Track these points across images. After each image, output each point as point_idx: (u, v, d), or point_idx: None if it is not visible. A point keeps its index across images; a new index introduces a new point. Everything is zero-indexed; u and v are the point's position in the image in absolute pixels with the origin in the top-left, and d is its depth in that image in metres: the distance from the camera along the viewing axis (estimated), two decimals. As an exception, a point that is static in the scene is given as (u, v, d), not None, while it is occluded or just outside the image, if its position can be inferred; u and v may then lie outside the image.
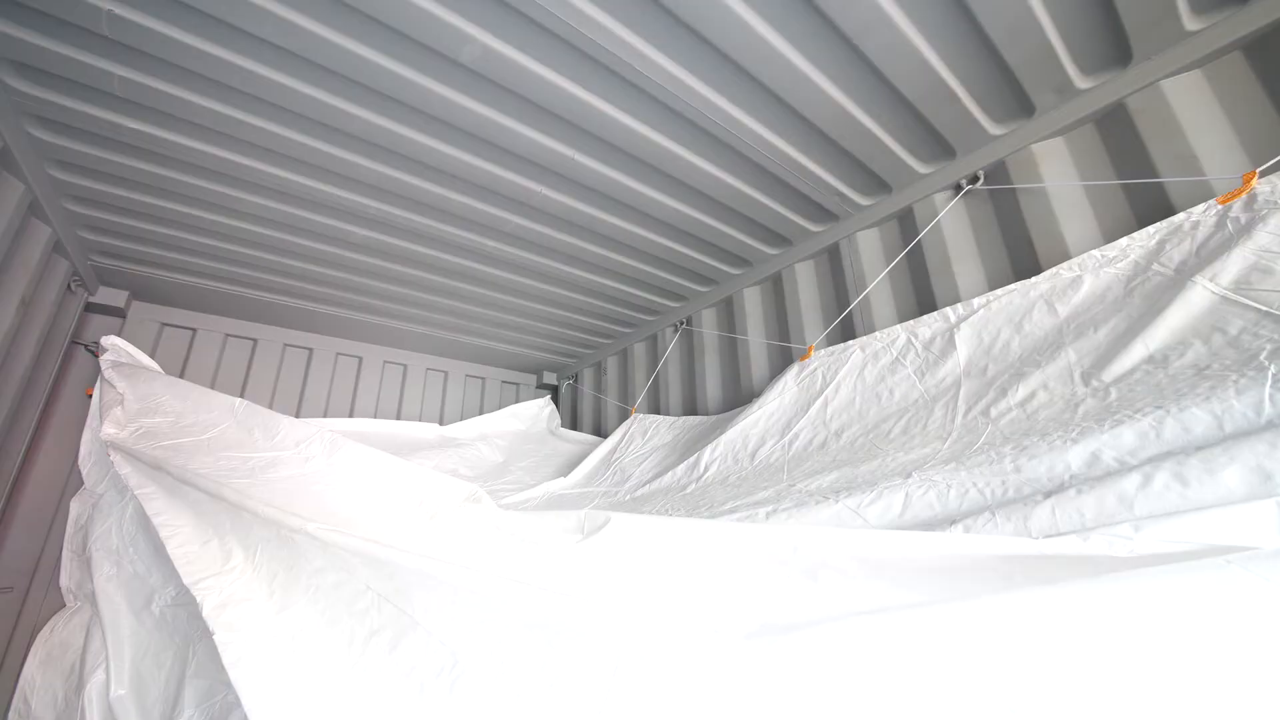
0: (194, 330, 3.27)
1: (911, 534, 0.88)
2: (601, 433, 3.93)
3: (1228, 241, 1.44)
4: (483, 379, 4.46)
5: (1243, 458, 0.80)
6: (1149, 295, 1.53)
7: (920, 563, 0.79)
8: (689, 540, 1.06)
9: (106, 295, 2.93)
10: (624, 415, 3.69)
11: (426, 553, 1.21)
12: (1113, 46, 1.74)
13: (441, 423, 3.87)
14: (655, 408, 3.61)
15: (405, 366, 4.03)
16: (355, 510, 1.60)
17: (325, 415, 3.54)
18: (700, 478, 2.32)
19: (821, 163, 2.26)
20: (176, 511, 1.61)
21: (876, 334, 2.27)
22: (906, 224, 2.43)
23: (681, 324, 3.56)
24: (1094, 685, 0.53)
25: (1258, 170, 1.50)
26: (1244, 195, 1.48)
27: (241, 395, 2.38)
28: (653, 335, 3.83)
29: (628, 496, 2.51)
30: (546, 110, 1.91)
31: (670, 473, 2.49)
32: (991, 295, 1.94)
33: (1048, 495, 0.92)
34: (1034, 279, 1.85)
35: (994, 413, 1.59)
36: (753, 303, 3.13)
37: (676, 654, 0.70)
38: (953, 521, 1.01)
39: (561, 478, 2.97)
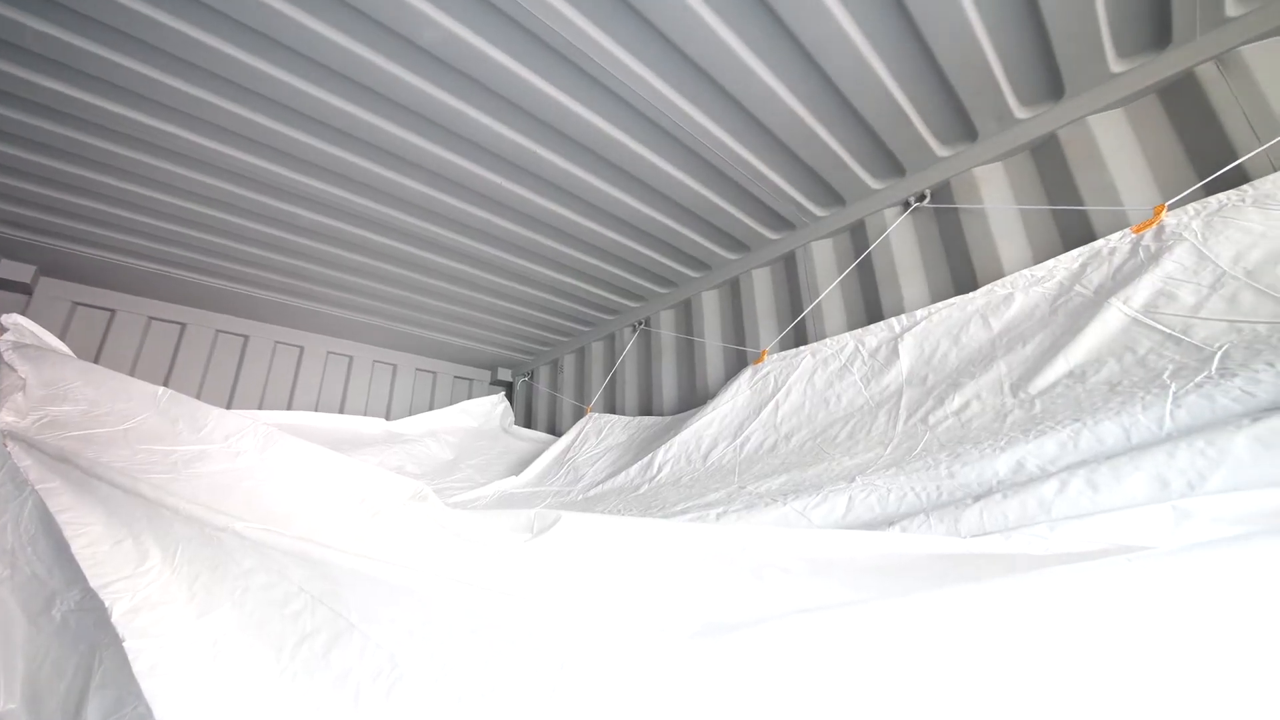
0: (112, 311, 3.01)
1: (852, 533, 0.92)
2: (556, 431, 3.89)
3: (1139, 268, 1.57)
4: (434, 373, 4.33)
5: (1145, 467, 0.87)
6: (1071, 314, 1.65)
7: (860, 562, 0.83)
8: (639, 540, 1.06)
9: (9, 269, 2.66)
10: (579, 414, 3.67)
11: (366, 552, 1.16)
12: (1048, 81, 1.88)
13: (389, 418, 3.73)
14: (611, 407, 3.60)
15: (351, 358, 3.86)
16: (290, 508, 1.51)
17: (260, 408, 3.34)
18: (653, 478, 2.33)
19: (781, 172, 2.32)
20: (85, 508, 1.48)
21: (827, 341, 2.35)
22: (858, 236, 2.53)
23: (640, 324, 3.57)
24: (1013, 674, 0.57)
25: (1166, 204, 1.64)
26: (1154, 226, 1.62)
27: (165, 384, 2.21)
28: (611, 334, 3.82)
29: (580, 496, 2.49)
30: (508, 101, 1.87)
31: (624, 473, 2.49)
32: (933, 308, 2.04)
33: (977, 499, 0.98)
34: (971, 294, 1.96)
35: (932, 420, 1.68)
36: (710, 306, 3.18)
37: (622, 654, 0.70)
38: (891, 523, 1.06)
39: (513, 476, 2.92)
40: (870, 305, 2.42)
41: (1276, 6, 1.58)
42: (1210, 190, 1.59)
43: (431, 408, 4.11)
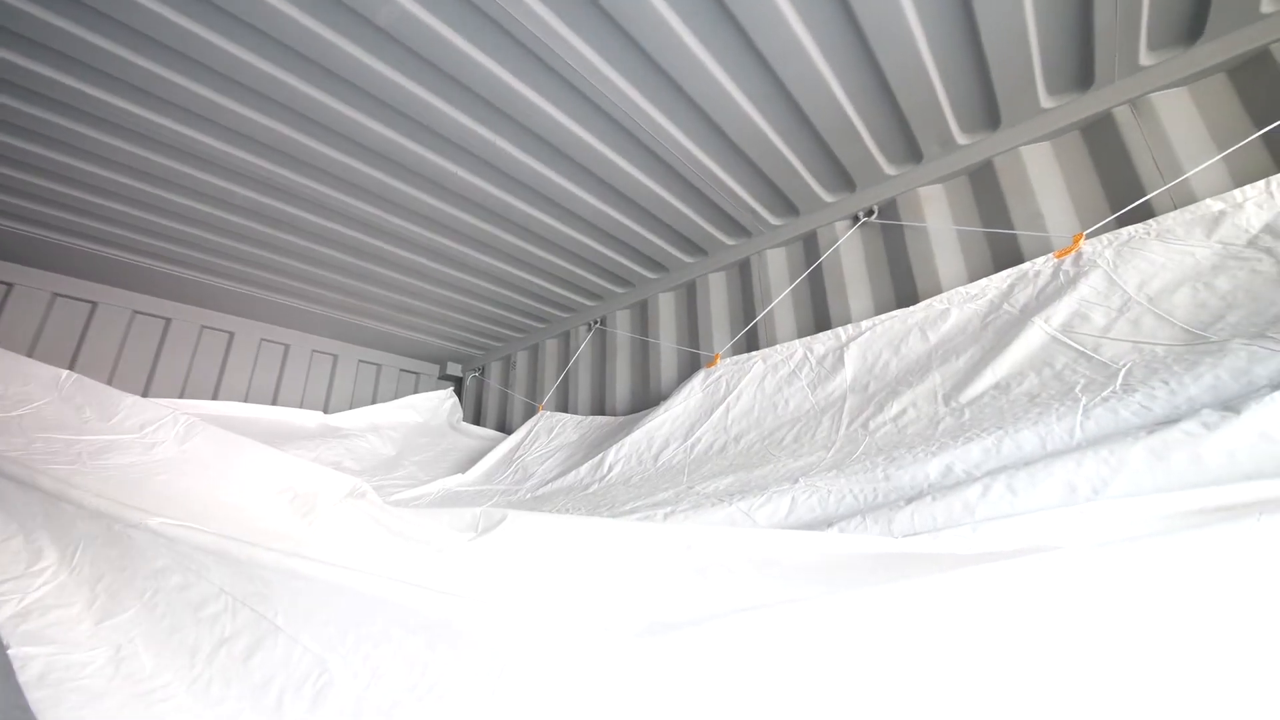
0: (9, 286, 2.72)
1: (794, 533, 0.95)
2: (506, 429, 3.82)
3: (1059, 290, 1.71)
4: (378, 366, 4.15)
5: (1057, 473, 0.95)
6: (999, 330, 1.77)
7: (800, 560, 0.86)
8: (586, 539, 1.05)
9: None
10: (531, 412, 3.61)
11: (298, 551, 1.10)
12: (986, 111, 2.01)
13: (327, 411, 3.55)
14: (564, 406, 3.57)
15: (287, 347, 3.64)
16: (213, 503, 1.41)
17: (182, 397, 3.09)
18: (604, 478, 2.32)
19: (739, 180, 2.37)
20: (-35, 502, 1.32)
21: (778, 347, 2.41)
22: (810, 246, 2.62)
23: (596, 323, 3.55)
24: (940, 666, 0.61)
25: (1085, 233, 1.79)
26: (1074, 252, 1.76)
27: (71, 368, 2.01)
28: (566, 332, 3.79)
29: (528, 495, 2.45)
30: (467, 88, 1.82)
31: (574, 472, 2.47)
32: (877, 319, 2.14)
33: (909, 501, 1.03)
34: (912, 308, 2.07)
35: (872, 426, 1.76)
36: (666, 308, 3.21)
37: (565, 654, 0.69)
38: (831, 523, 1.10)
39: (459, 474, 2.84)
40: (819, 314, 2.51)
41: (1183, 60, 1.76)
42: (1122, 222, 1.75)
43: (374, 402, 3.94)
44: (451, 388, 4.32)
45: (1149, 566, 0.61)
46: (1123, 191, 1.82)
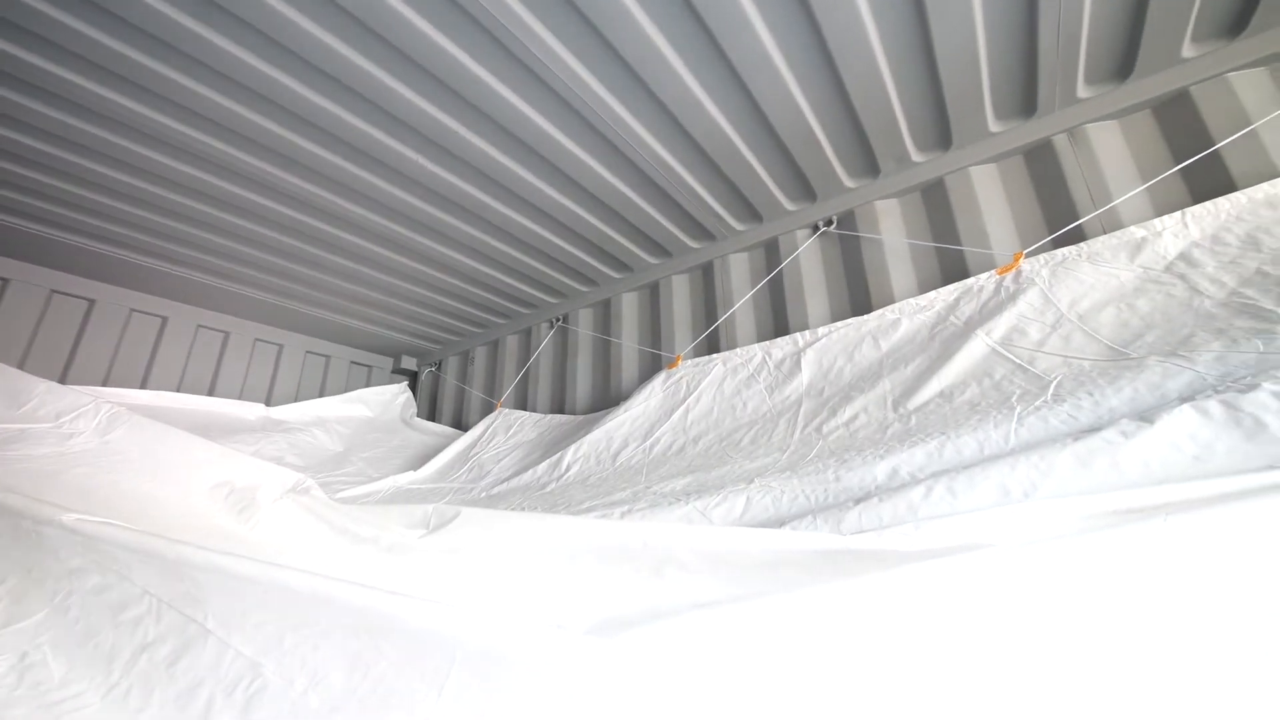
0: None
1: (747, 531, 0.97)
2: (462, 426, 3.73)
3: (1000, 305, 1.81)
4: (327, 357, 3.97)
5: (993, 476, 1.01)
6: (945, 341, 1.86)
7: (752, 557, 0.87)
8: (540, 536, 1.04)
9: None
10: (488, 409, 3.55)
11: (233, 550, 1.04)
12: (939, 131, 2.11)
13: (269, 403, 3.37)
14: (523, 403, 3.52)
15: (226, 334, 3.44)
16: (138, 499, 1.32)
17: (106, 384, 2.87)
18: (561, 477, 2.30)
19: (705, 184, 2.40)
20: None
21: (737, 350, 2.46)
22: (772, 253, 2.68)
23: (558, 321, 3.52)
24: (883, 658, 0.63)
25: (1024, 251, 1.91)
26: (1014, 270, 1.87)
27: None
28: (527, 329, 3.74)
29: (483, 493, 2.40)
30: (430, 74, 1.76)
31: (531, 470, 2.44)
32: (833, 326, 2.21)
33: (858, 502, 1.07)
34: (866, 317, 2.15)
35: (825, 429, 1.81)
36: (630, 308, 3.21)
37: (516, 652, 0.68)
38: (783, 522, 1.13)
39: (411, 471, 2.75)
40: (778, 319, 2.57)
41: (1115, 95, 1.90)
42: (1058, 243, 1.87)
43: (322, 395, 3.78)
44: (406, 382, 4.19)
45: (1072, 562, 0.66)
46: (1059, 214, 1.95)
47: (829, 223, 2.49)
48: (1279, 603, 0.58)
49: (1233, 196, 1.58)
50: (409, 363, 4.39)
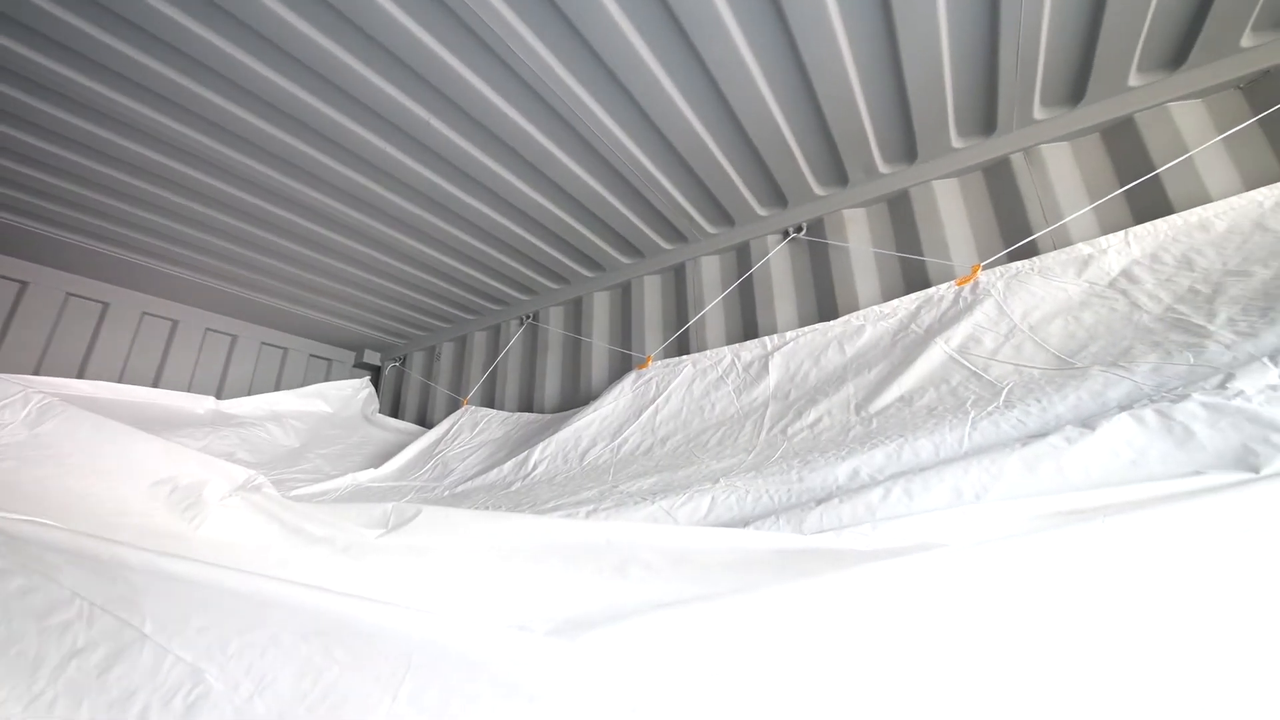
0: None
1: (710, 530, 0.97)
2: (426, 423, 3.65)
3: (959, 314, 1.88)
4: (284, 349, 3.82)
5: (947, 478, 1.05)
6: (907, 348, 1.92)
7: (716, 556, 0.88)
8: (504, 535, 1.03)
9: None
10: (454, 406, 3.48)
11: (174, 550, 0.98)
12: (905, 145, 2.17)
13: (220, 397, 3.21)
14: (490, 401, 3.46)
15: (175, 323, 3.27)
16: (70, 496, 1.24)
17: (38, 373, 2.69)
18: (528, 476, 2.28)
19: (680, 187, 2.41)
20: None
21: (707, 352, 2.48)
22: (743, 257, 2.71)
23: (528, 318, 3.48)
24: (841, 654, 0.65)
25: (982, 264, 1.99)
26: (972, 281, 1.95)
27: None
28: (496, 325, 3.68)
29: (447, 492, 2.35)
30: (402, 62, 1.72)
31: (497, 469, 2.40)
32: (800, 331, 2.25)
33: (819, 502, 1.09)
34: (832, 322, 2.20)
35: (790, 431, 1.85)
36: (601, 307, 3.20)
37: (474, 654, 0.67)
38: (747, 522, 1.15)
39: (372, 469, 2.67)
40: (748, 322, 2.61)
41: (1068, 118, 2.00)
42: (1013, 257, 1.96)
43: (278, 389, 3.63)
44: (368, 377, 4.07)
45: (1019, 561, 0.69)
46: (1015, 229, 2.04)
47: (799, 229, 2.54)
48: (1201, 597, 0.62)
49: (1170, 219, 1.69)
50: (372, 357, 4.26)
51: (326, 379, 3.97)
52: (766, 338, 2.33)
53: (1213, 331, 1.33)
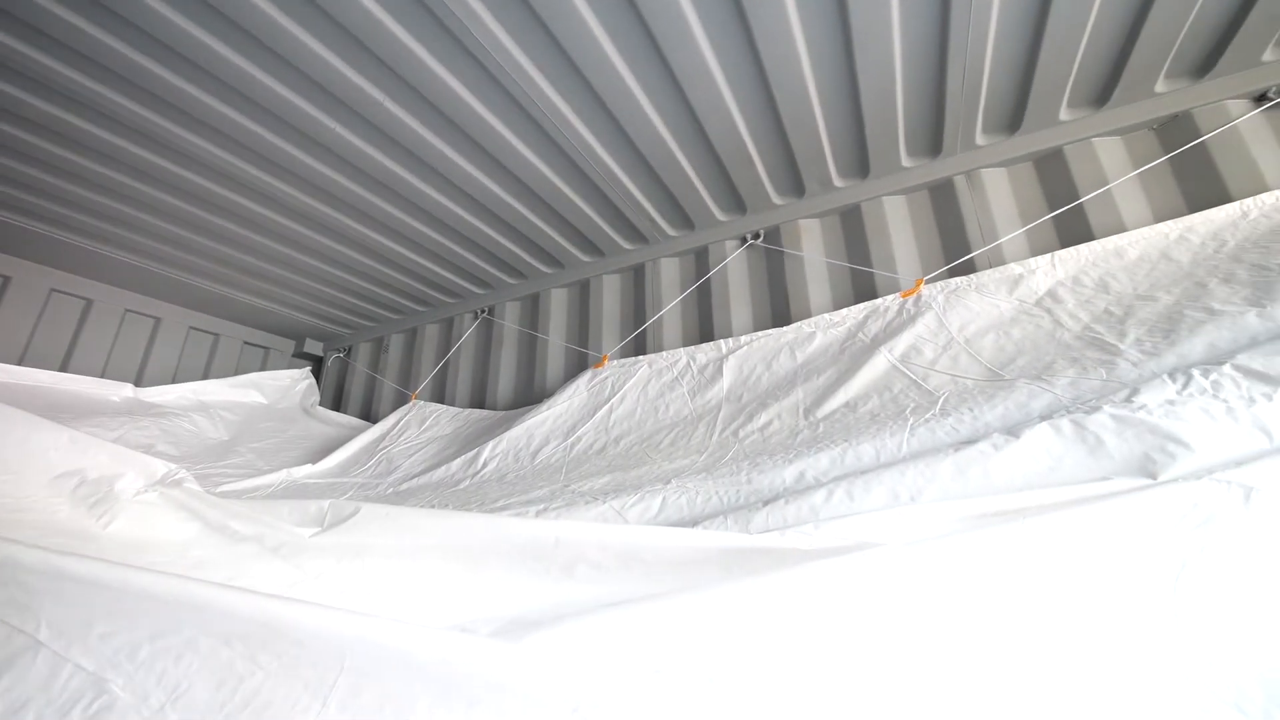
0: None
1: (659, 529, 0.98)
2: (371, 418, 3.50)
3: (902, 325, 1.97)
4: (215, 335, 3.58)
5: (886, 481, 1.10)
6: (854, 355, 2.00)
7: (664, 556, 0.89)
8: (449, 534, 1.00)
9: None
10: (402, 400, 3.35)
11: (78, 549, 0.90)
12: (859, 161, 2.26)
13: (139, 384, 2.97)
14: (440, 396, 3.36)
15: (89, 302, 3.00)
16: (-46, 489, 1.11)
17: (-78, 349, 2.41)
18: (477, 474, 2.22)
19: (642, 189, 2.42)
20: None
21: (663, 353, 2.50)
22: (701, 260, 2.75)
23: (483, 312, 3.40)
24: (784, 651, 0.67)
25: (925, 278, 2.09)
26: (915, 294, 2.05)
27: None
28: (450, 319, 3.57)
29: (390, 490, 2.26)
30: (355, 38, 1.64)
31: (445, 466, 2.33)
32: (754, 335, 2.30)
33: (766, 503, 1.12)
34: (785, 328, 2.26)
35: (741, 434, 1.88)
36: (559, 304, 3.17)
37: (412, 657, 0.64)
38: (696, 522, 1.16)
39: (309, 464, 2.54)
40: (704, 325, 2.64)
41: (1005, 146, 2.14)
42: (953, 273, 2.07)
43: (208, 376, 3.39)
44: (309, 368, 3.86)
45: (948, 559, 0.72)
46: (955, 246, 2.16)
47: (756, 236, 2.60)
48: (1105, 590, 0.68)
49: (1091, 244, 1.83)
50: (314, 347, 4.05)
51: (262, 369, 3.74)
52: (722, 341, 2.37)
53: (1123, 350, 1.45)
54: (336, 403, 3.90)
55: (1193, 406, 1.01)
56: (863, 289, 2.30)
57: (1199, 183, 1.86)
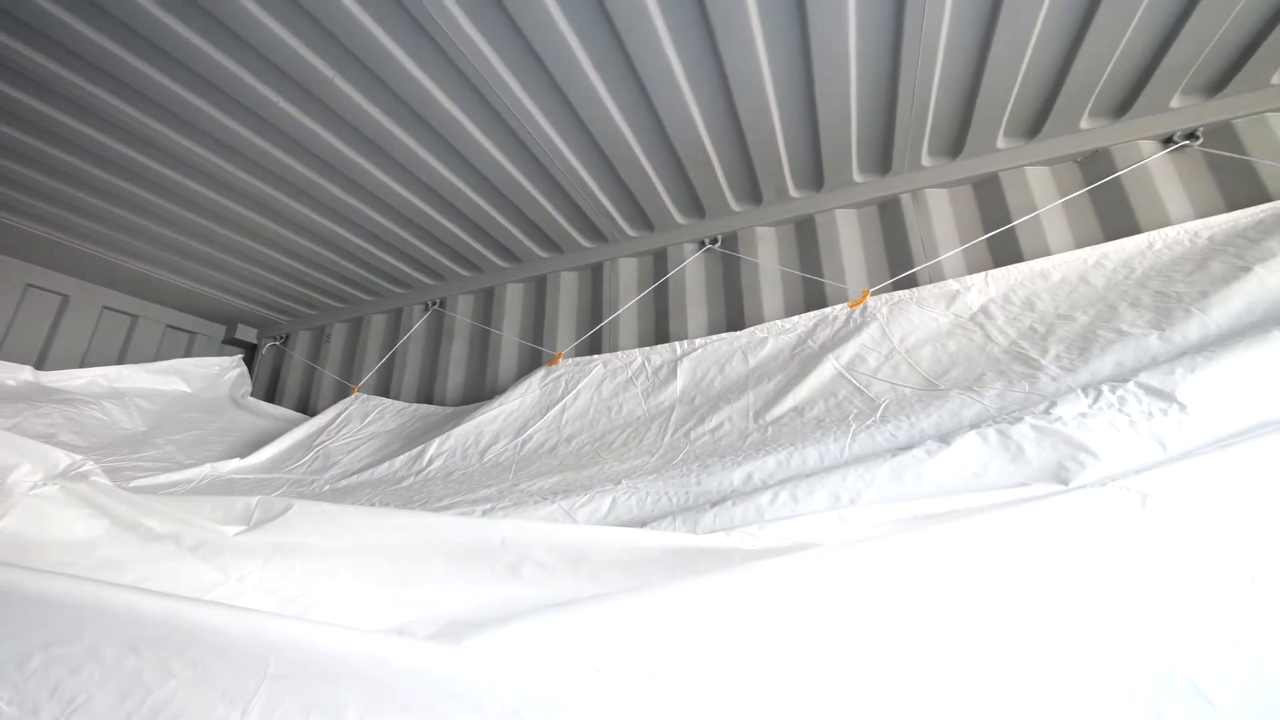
0: None
1: (607, 529, 0.98)
2: (309, 410, 3.32)
3: (849, 334, 2.05)
4: (133, 316, 3.29)
5: (828, 484, 1.14)
6: (803, 361, 2.06)
7: (612, 556, 0.89)
8: (388, 534, 0.96)
9: None
10: (343, 393, 3.20)
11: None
12: (814, 173, 2.34)
13: (42, 367, 2.70)
14: (385, 390, 3.23)
15: (-15, 273, 2.70)
16: None
17: None
18: (422, 471, 2.15)
19: (603, 188, 2.41)
20: None
21: (619, 353, 2.49)
22: (660, 262, 2.77)
23: (434, 304, 3.29)
24: (725, 648, 0.68)
25: (871, 290, 2.19)
26: (862, 305, 2.14)
27: None
28: (398, 310, 3.44)
29: (327, 487, 2.16)
30: (300, 6, 1.55)
31: (388, 463, 2.24)
32: (709, 339, 2.34)
33: (714, 504, 1.14)
34: (738, 333, 2.30)
35: (693, 435, 1.91)
36: (514, 299, 3.11)
37: (342, 663, 0.61)
38: (645, 522, 1.17)
39: (237, 459, 2.38)
40: (660, 326, 2.66)
41: (948, 169, 2.26)
42: (897, 286, 2.17)
43: (124, 361, 3.13)
44: (240, 355, 3.62)
45: (881, 558, 0.76)
46: (900, 261, 2.27)
47: (714, 241, 2.64)
48: (1021, 586, 0.73)
49: (1020, 265, 1.97)
50: (247, 333, 3.81)
51: (188, 354, 3.48)
52: (677, 343, 2.39)
53: (1044, 365, 1.57)
54: (271, 394, 3.67)
55: (1101, 419, 1.10)
56: (813, 298, 2.38)
57: (1114, 214, 2.03)
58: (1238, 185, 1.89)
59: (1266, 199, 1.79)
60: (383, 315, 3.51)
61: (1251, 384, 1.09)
